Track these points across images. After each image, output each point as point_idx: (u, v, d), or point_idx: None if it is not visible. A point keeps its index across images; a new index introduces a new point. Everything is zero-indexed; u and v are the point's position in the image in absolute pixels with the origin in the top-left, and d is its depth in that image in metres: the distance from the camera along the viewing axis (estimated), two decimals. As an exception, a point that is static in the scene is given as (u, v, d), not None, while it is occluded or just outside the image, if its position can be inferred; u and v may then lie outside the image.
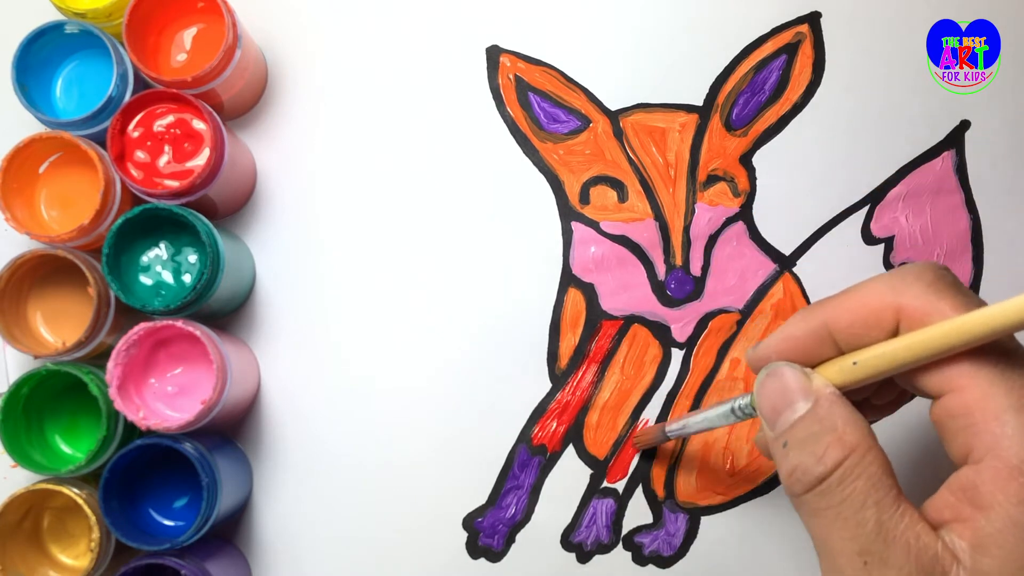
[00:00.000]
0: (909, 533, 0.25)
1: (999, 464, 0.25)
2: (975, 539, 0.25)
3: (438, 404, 0.42)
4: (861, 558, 0.26)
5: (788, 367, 0.29)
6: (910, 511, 0.26)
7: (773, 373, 0.29)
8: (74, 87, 0.40)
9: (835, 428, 0.27)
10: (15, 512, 0.37)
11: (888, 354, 0.27)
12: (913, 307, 0.27)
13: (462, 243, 0.43)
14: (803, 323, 0.29)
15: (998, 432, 0.25)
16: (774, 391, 0.29)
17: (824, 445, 0.27)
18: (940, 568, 0.25)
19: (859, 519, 0.26)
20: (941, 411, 0.27)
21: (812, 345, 0.29)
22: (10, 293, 0.38)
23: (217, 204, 0.41)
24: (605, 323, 0.43)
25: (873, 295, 0.28)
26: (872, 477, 0.26)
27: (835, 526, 0.26)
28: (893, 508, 0.26)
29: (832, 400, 0.28)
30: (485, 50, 0.43)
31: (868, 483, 0.26)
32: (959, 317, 0.25)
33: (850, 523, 0.26)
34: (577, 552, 0.42)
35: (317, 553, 0.42)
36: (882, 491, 0.26)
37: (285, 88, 0.43)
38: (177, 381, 0.38)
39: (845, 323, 0.28)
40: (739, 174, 0.43)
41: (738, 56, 0.43)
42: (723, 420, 0.34)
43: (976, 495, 0.25)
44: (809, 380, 0.28)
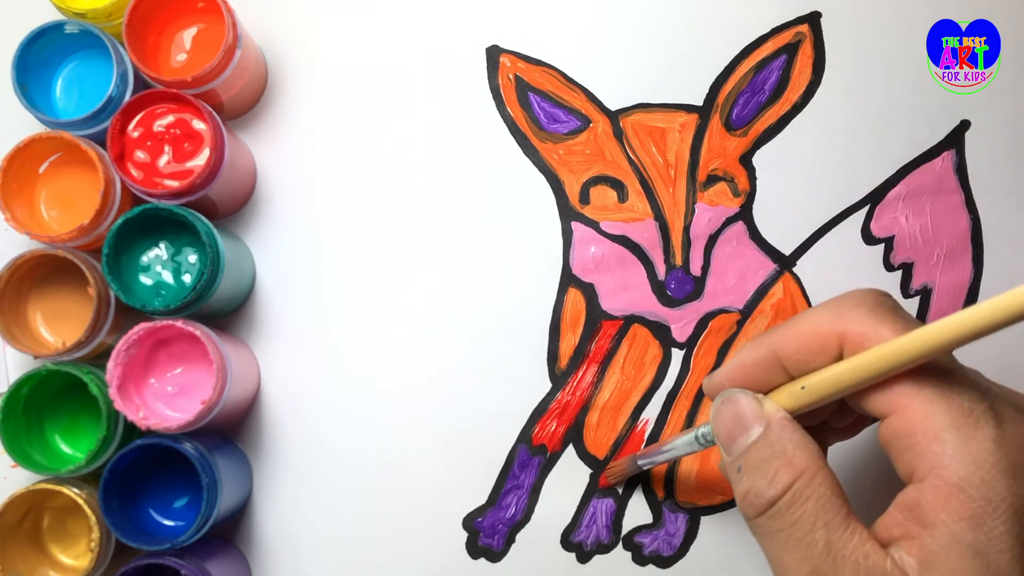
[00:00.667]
0: (858, 552, 0.26)
1: (940, 483, 0.25)
2: (922, 556, 0.25)
3: (438, 404, 0.42)
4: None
5: (742, 393, 0.30)
6: (859, 530, 0.26)
7: (727, 400, 0.30)
8: (74, 87, 0.40)
9: (785, 452, 0.28)
10: (15, 512, 0.37)
11: (833, 378, 0.28)
12: (855, 332, 0.28)
13: (462, 243, 0.43)
14: (753, 352, 0.30)
15: (938, 451, 0.26)
16: (729, 417, 0.30)
17: (774, 469, 0.27)
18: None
19: (809, 540, 0.26)
20: (886, 431, 0.27)
21: (762, 372, 0.30)
22: (10, 293, 0.38)
23: (217, 204, 0.41)
24: (605, 323, 0.43)
25: (817, 322, 0.29)
26: (821, 499, 0.27)
27: (787, 548, 0.27)
28: (842, 528, 0.26)
29: (782, 425, 0.28)
30: (485, 50, 0.43)
31: (817, 505, 0.27)
32: (897, 339, 0.26)
33: (801, 544, 0.26)
34: (577, 552, 0.42)
35: (317, 553, 0.42)
36: (831, 512, 0.27)
37: (285, 88, 0.43)
38: (177, 381, 0.38)
39: (792, 350, 0.29)
40: (739, 174, 0.43)
41: (738, 56, 0.43)
42: (688, 448, 0.35)
43: (921, 513, 0.26)
44: (761, 406, 0.29)
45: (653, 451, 0.38)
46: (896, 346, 0.26)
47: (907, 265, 0.43)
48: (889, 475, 0.28)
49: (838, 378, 0.28)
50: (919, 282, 0.43)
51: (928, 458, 0.26)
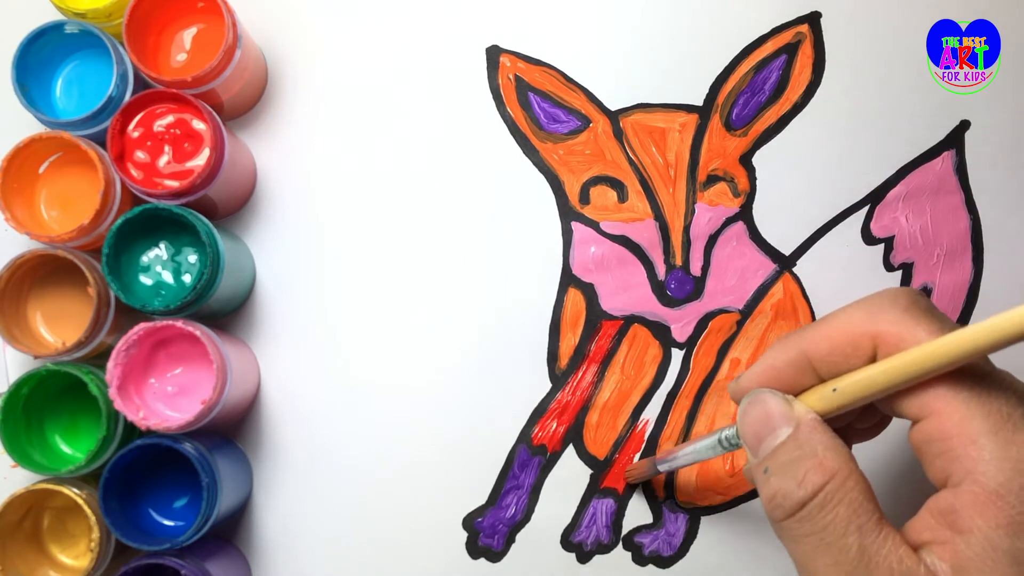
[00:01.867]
0: (892, 557, 0.25)
1: (977, 489, 0.25)
2: (955, 562, 0.25)
3: (438, 404, 0.42)
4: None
5: (770, 394, 0.29)
6: (892, 535, 0.26)
7: (755, 400, 0.29)
8: (74, 87, 0.40)
9: (815, 453, 0.27)
10: (15, 512, 0.37)
11: (866, 380, 0.27)
12: (889, 332, 0.27)
13: (462, 243, 0.43)
14: (783, 353, 0.29)
15: (975, 456, 0.25)
16: (756, 419, 0.29)
17: (804, 470, 0.27)
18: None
19: (842, 545, 0.26)
20: (920, 435, 0.27)
21: (792, 374, 0.29)
22: (10, 293, 0.38)
23: (217, 204, 0.41)
24: (605, 323, 0.43)
25: (850, 323, 0.28)
26: (854, 502, 0.26)
27: (818, 552, 0.26)
28: (875, 533, 0.26)
29: (813, 426, 0.28)
30: (485, 50, 0.43)
31: (849, 508, 0.26)
32: (933, 341, 0.26)
33: (833, 549, 0.26)
34: (577, 552, 0.42)
35: (317, 553, 0.42)
36: (864, 516, 0.26)
37: (285, 88, 0.43)
38: (177, 381, 0.38)
39: (824, 351, 0.28)
40: (739, 174, 0.43)
41: (738, 56, 0.43)
42: (711, 452, 0.34)
43: (955, 519, 0.25)
44: (791, 407, 0.29)
45: (673, 454, 0.37)
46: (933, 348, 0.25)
47: (907, 265, 0.43)
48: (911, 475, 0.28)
49: (872, 380, 0.27)
50: (919, 282, 0.43)
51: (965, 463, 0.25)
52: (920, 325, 0.27)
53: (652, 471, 0.40)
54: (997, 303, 0.43)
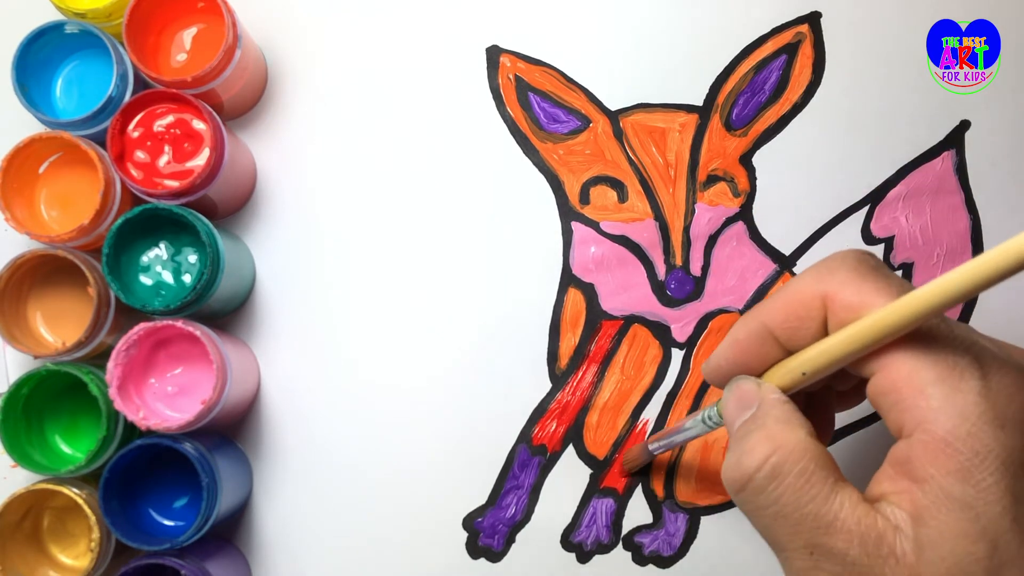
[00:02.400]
0: (850, 519, 0.26)
1: (927, 438, 0.25)
2: (913, 510, 0.25)
3: (438, 404, 0.42)
4: (807, 550, 0.26)
5: (744, 379, 0.30)
6: (849, 496, 0.26)
7: (732, 386, 0.30)
8: (74, 87, 0.40)
9: (765, 426, 0.28)
10: (15, 512, 0.37)
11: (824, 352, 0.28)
12: (838, 293, 0.27)
13: (462, 243, 0.43)
14: (744, 327, 0.30)
15: (923, 406, 0.25)
16: (732, 402, 0.30)
17: (751, 443, 0.27)
18: (885, 543, 0.25)
19: (798, 516, 0.26)
20: (874, 389, 0.27)
21: (756, 346, 0.30)
22: (10, 293, 0.38)
23: (217, 204, 0.41)
24: (605, 323, 0.43)
25: (800, 289, 0.28)
26: (804, 472, 0.26)
27: (777, 523, 0.27)
28: (830, 499, 0.26)
29: (772, 403, 0.28)
30: (485, 50, 0.43)
31: (800, 478, 0.26)
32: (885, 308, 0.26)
33: (790, 520, 0.26)
34: (577, 552, 0.42)
35: (317, 553, 0.42)
36: (816, 485, 0.26)
37: (285, 88, 0.43)
38: (177, 381, 0.38)
39: (780, 319, 0.29)
40: (739, 174, 0.43)
41: (738, 56, 0.43)
42: (697, 430, 0.35)
43: (911, 468, 0.26)
44: (758, 387, 0.29)
45: (664, 435, 0.38)
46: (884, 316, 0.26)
47: (907, 265, 0.43)
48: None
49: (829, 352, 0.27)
50: (919, 282, 0.43)
51: (915, 413, 0.26)
52: (867, 283, 0.27)
53: (646, 455, 0.40)
54: (997, 303, 0.43)
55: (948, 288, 0.24)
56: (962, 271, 0.24)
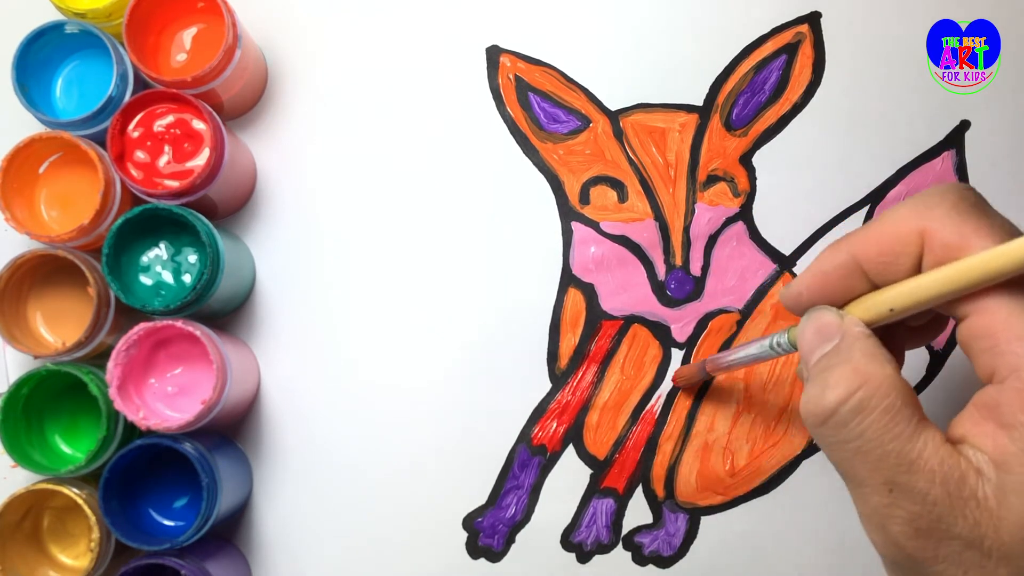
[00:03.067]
0: (933, 459, 0.25)
1: (1020, 385, 0.25)
2: (998, 455, 0.25)
3: (438, 404, 0.42)
4: (887, 487, 0.26)
5: (825, 310, 0.29)
6: (933, 436, 0.26)
7: (811, 316, 0.29)
8: (74, 87, 0.40)
9: (851, 360, 0.27)
10: (15, 512, 0.37)
11: (915, 291, 0.27)
12: (936, 230, 0.27)
13: (462, 243, 0.43)
14: (832, 258, 0.29)
15: (1020, 352, 0.25)
16: (811, 332, 0.29)
17: (836, 376, 0.27)
18: (967, 485, 0.25)
19: (880, 452, 0.26)
20: (966, 332, 0.27)
21: (842, 279, 0.29)
22: (10, 293, 0.38)
23: (217, 204, 0.41)
24: (605, 323, 0.43)
25: (896, 222, 0.28)
26: (890, 408, 0.26)
27: (857, 459, 0.26)
28: (914, 438, 0.26)
29: (856, 336, 0.28)
30: (485, 50, 0.43)
31: (886, 415, 0.26)
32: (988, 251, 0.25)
33: (871, 456, 0.26)
34: (577, 552, 0.42)
35: (317, 553, 0.42)
36: (902, 423, 0.26)
37: (285, 88, 0.43)
38: (177, 381, 0.38)
39: (872, 253, 0.28)
40: (739, 174, 0.43)
41: (738, 56, 0.43)
42: (762, 353, 0.34)
43: (999, 414, 0.25)
44: (841, 320, 0.28)
45: (724, 357, 0.37)
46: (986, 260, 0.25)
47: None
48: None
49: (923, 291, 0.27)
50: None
51: (1009, 359, 0.25)
52: (967, 222, 0.26)
53: (702, 374, 0.40)
54: None
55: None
56: None
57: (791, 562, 0.42)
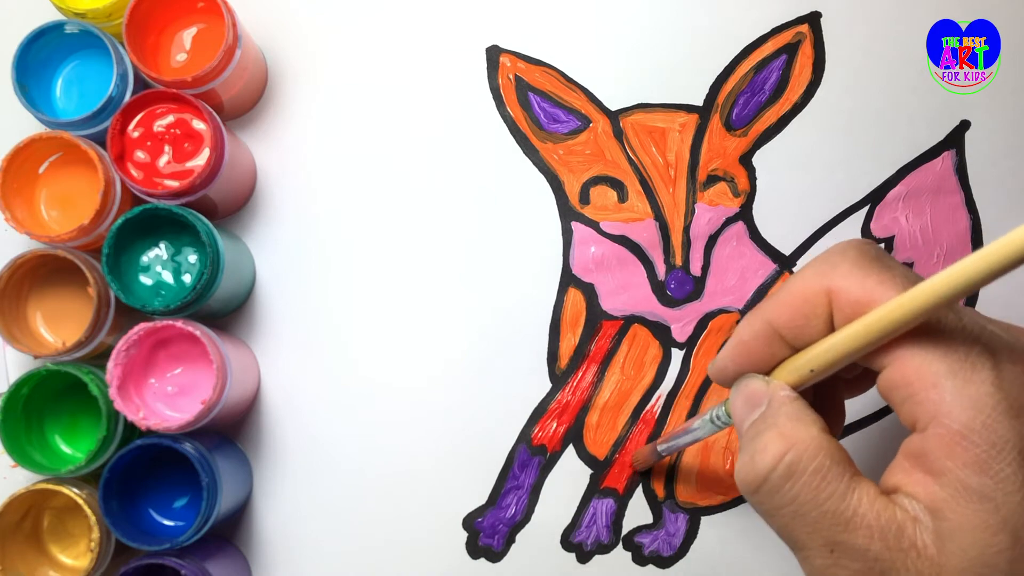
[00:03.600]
0: (869, 514, 0.25)
1: (942, 431, 0.25)
2: (931, 503, 0.25)
3: (438, 404, 0.42)
4: (827, 548, 0.26)
5: (752, 378, 0.30)
6: (867, 491, 0.26)
7: (739, 386, 0.30)
8: (74, 87, 0.40)
9: (777, 424, 0.27)
10: (15, 512, 0.37)
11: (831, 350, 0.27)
12: (841, 288, 0.27)
13: (462, 243, 0.43)
14: (750, 328, 0.30)
15: (936, 399, 0.25)
16: (740, 402, 0.29)
17: (763, 441, 0.27)
18: (906, 536, 0.25)
19: (816, 515, 0.26)
20: (885, 383, 0.27)
21: (763, 346, 0.29)
22: (10, 293, 0.38)
23: (217, 204, 0.41)
24: (605, 323, 0.43)
25: (803, 285, 0.28)
26: (819, 470, 0.26)
27: (795, 523, 0.26)
28: (848, 495, 0.26)
29: (783, 401, 0.28)
30: (485, 50, 0.43)
31: (816, 476, 0.26)
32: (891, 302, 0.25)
33: (808, 519, 0.26)
34: (577, 552, 0.42)
35: (317, 553, 0.42)
36: (833, 482, 0.26)
37: (285, 88, 0.43)
38: (177, 381, 0.38)
39: (786, 319, 0.28)
40: (739, 174, 0.43)
41: (738, 56, 0.43)
42: (706, 431, 0.34)
43: (926, 461, 0.25)
44: (767, 385, 0.29)
45: (672, 436, 0.38)
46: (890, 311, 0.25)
47: (907, 265, 0.43)
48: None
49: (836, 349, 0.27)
50: (919, 282, 0.43)
51: (928, 407, 0.25)
52: (870, 276, 0.27)
53: (655, 456, 0.40)
54: (996, 303, 0.43)
55: (954, 280, 0.24)
56: (968, 262, 0.24)
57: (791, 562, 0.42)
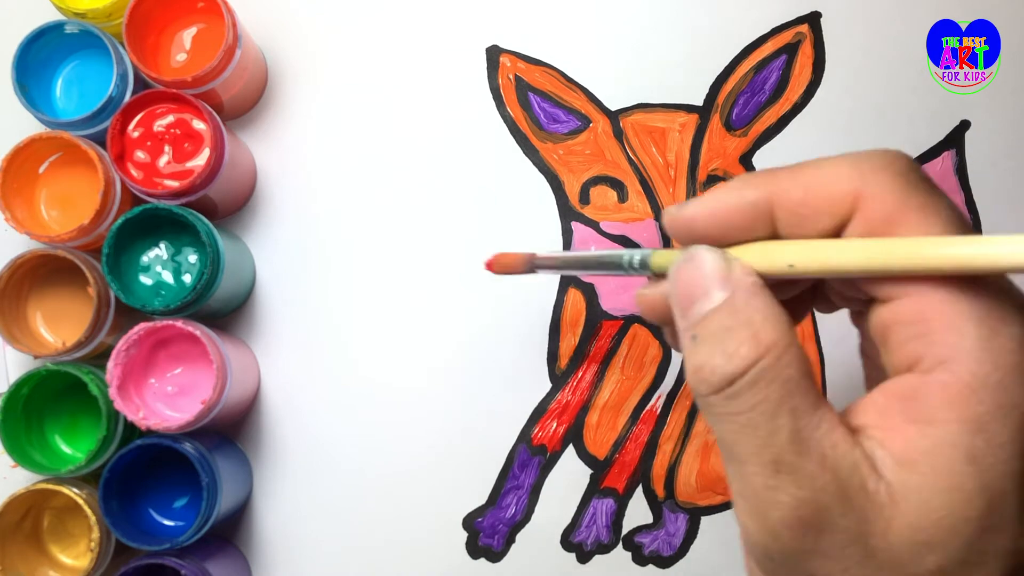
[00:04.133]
0: (826, 442, 0.22)
1: (949, 378, 0.22)
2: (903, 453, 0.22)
3: (438, 404, 0.42)
4: (773, 466, 0.23)
5: (708, 251, 0.25)
6: (829, 417, 0.23)
7: (690, 256, 0.25)
8: (74, 87, 0.40)
9: (751, 323, 0.23)
10: (15, 512, 0.37)
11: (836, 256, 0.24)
12: (875, 197, 0.23)
13: (462, 243, 0.43)
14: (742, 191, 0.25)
15: (953, 343, 0.22)
16: (689, 275, 0.25)
17: (737, 342, 0.23)
18: (858, 479, 0.22)
19: (771, 427, 0.23)
20: (889, 316, 0.23)
21: (746, 218, 0.25)
22: (10, 293, 0.38)
23: (217, 204, 0.41)
24: (605, 323, 0.43)
25: (831, 176, 0.24)
26: (789, 381, 0.23)
27: (744, 433, 0.23)
28: (810, 414, 0.23)
29: (752, 291, 0.24)
30: (485, 50, 0.43)
31: (784, 387, 0.23)
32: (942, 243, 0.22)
33: (761, 431, 0.23)
34: (577, 552, 0.42)
35: (317, 553, 0.42)
36: (799, 396, 0.23)
37: (285, 88, 0.43)
38: (177, 381, 0.38)
39: (795, 199, 0.25)
40: (739, 174, 0.43)
41: (738, 56, 0.43)
42: (606, 263, 0.29)
43: (915, 407, 0.22)
44: (730, 267, 0.24)
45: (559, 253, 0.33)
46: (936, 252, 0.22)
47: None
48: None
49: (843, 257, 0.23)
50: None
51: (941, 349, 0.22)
52: (912, 197, 0.23)
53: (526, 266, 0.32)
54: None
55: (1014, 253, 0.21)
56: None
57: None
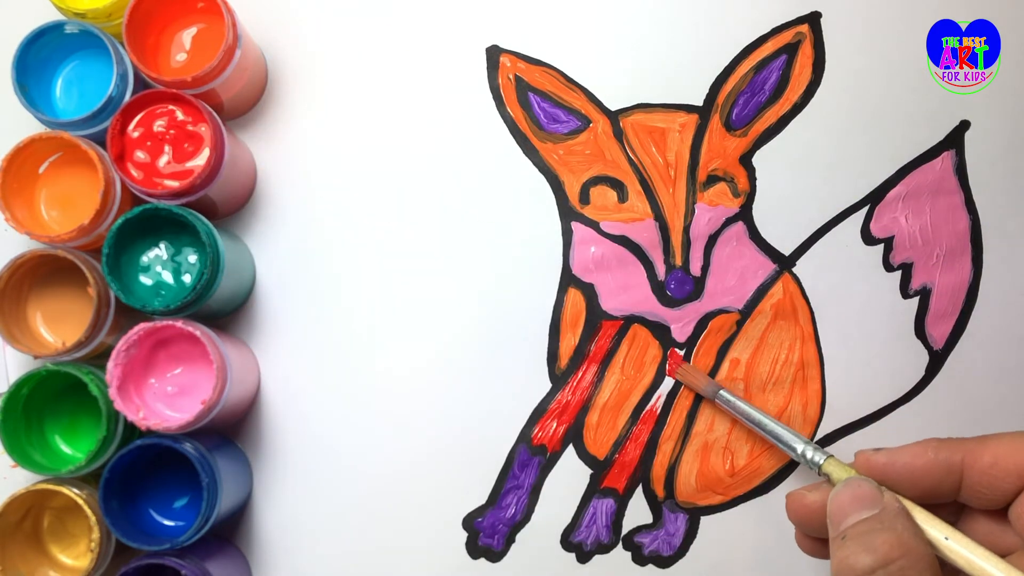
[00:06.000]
0: None
1: None
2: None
3: (438, 404, 0.42)
4: None
5: (865, 481, 0.31)
6: None
7: (850, 484, 0.31)
8: (74, 87, 0.40)
9: (895, 529, 0.29)
10: (15, 512, 0.37)
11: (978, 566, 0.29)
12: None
13: (462, 243, 0.43)
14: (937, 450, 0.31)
15: None
16: (847, 498, 0.31)
17: (881, 541, 0.28)
18: None
19: None
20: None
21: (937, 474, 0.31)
22: (10, 293, 0.38)
23: (217, 204, 0.41)
24: (605, 323, 0.43)
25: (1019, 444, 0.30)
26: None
27: None
28: None
29: (899, 511, 0.30)
30: (485, 50, 0.43)
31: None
32: None
33: None
34: (577, 552, 0.42)
35: (317, 553, 0.42)
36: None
37: (285, 88, 0.43)
38: (177, 381, 0.38)
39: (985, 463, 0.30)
40: (739, 174, 0.43)
41: (738, 56, 0.43)
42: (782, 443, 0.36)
43: None
44: (881, 493, 0.31)
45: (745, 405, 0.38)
46: None
47: (907, 265, 0.43)
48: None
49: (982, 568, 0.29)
50: (918, 282, 0.43)
51: None
52: None
53: (711, 393, 0.40)
54: (997, 303, 0.43)
55: None
56: None
57: (790, 562, 0.42)
